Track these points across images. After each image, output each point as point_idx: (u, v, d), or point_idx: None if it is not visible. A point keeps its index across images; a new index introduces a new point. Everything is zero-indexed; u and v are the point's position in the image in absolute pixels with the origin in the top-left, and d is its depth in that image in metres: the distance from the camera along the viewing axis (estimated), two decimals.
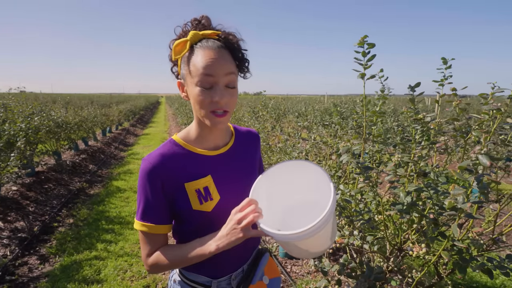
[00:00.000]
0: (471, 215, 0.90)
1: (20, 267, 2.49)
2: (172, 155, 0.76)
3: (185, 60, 0.71)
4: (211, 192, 0.77)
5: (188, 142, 0.80)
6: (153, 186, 0.73)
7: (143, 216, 0.74)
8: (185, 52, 0.70)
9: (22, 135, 3.67)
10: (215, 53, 0.68)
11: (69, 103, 12.26)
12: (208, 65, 0.67)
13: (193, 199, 0.75)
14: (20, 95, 6.30)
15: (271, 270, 0.92)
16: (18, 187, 3.78)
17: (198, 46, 0.70)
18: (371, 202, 1.45)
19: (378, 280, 0.99)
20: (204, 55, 0.68)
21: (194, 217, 0.76)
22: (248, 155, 0.88)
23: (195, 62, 0.69)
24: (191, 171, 0.76)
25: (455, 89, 1.29)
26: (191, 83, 0.70)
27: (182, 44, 0.70)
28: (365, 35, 1.23)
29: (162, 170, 0.73)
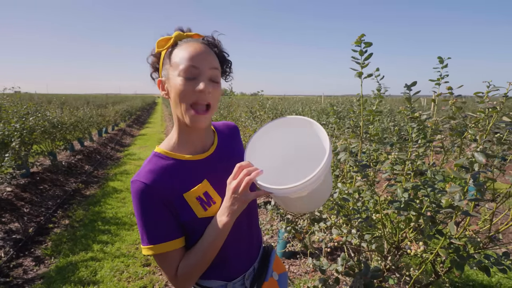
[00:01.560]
0: (467, 213, 0.90)
1: (15, 269, 2.46)
2: (161, 168, 0.72)
3: (168, 55, 0.72)
4: (212, 196, 0.74)
5: (173, 150, 0.76)
6: (151, 204, 0.69)
7: (150, 238, 0.69)
8: (168, 46, 0.71)
9: (16, 135, 3.63)
10: (200, 47, 0.70)
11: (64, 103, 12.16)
12: (193, 56, 0.68)
13: (197, 208, 0.72)
14: (15, 95, 6.23)
15: (278, 266, 0.92)
16: (12, 188, 3.74)
17: (182, 42, 0.71)
18: (368, 200, 1.45)
19: (375, 278, 0.99)
20: (189, 47, 0.69)
21: (200, 225, 0.73)
22: (234, 149, 0.88)
23: (179, 54, 0.69)
24: (186, 180, 0.73)
25: (451, 88, 1.30)
26: (173, 76, 0.69)
27: (166, 39, 0.72)
28: (362, 34, 1.23)
29: (157, 186, 0.69)
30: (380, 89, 1.50)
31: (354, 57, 1.27)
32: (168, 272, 0.71)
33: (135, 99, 29.67)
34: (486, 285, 2.31)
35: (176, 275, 0.71)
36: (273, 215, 1.79)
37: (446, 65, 1.48)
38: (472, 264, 1.06)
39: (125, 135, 10.43)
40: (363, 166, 1.17)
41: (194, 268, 0.71)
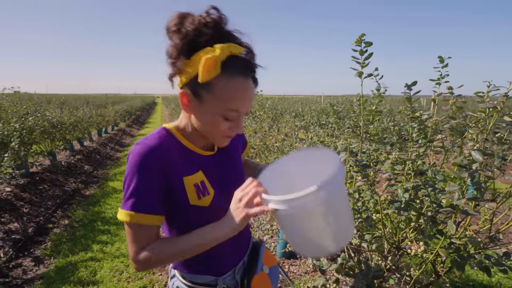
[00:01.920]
0: (466, 212, 0.90)
1: (14, 269, 2.45)
2: (169, 144, 0.69)
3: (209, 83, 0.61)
4: (207, 187, 0.74)
5: (184, 135, 0.74)
6: (151, 169, 0.64)
7: (134, 204, 0.64)
8: (216, 74, 0.59)
9: (16, 135, 3.63)
10: (245, 86, 0.62)
11: (64, 103, 12.15)
12: (237, 102, 0.62)
13: (191, 194, 0.70)
14: (14, 95, 6.23)
15: (269, 259, 0.93)
16: (12, 188, 3.73)
17: (228, 70, 0.60)
18: (368, 200, 1.45)
19: (377, 278, 0.99)
20: (235, 89, 0.61)
21: (189, 212, 0.72)
22: (236, 153, 0.89)
23: (223, 93, 0.61)
24: (187, 165, 0.72)
25: (452, 88, 1.29)
26: (209, 106, 0.63)
27: (212, 63, 0.58)
28: (363, 33, 1.23)
29: (163, 154, 0.66)
30: (379, 89, 1.49)
31: (354, 56, 1.27)
32: (134, 246, 0.66)
33: (134, 99, 29.68)
34: (486, 285, 2.30)
35: (139, 252, 0.66)
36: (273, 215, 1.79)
37: (447, 64, 1.48)
38: (472, 264, 1.06)
39: (124, 135, 10.42)
40: (363, 166, 1.17)
41: (163, 257, 0.66)
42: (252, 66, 0.64)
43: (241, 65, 0.61)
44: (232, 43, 0.61)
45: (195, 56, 0.60)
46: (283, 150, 2.55)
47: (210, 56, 0.58)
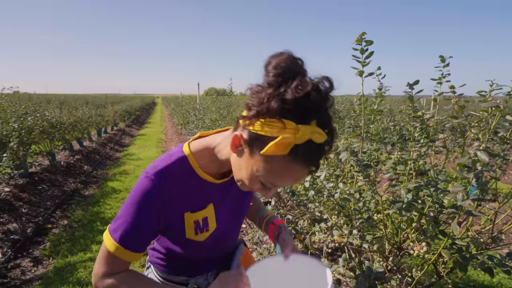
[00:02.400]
0: (471, 213, 0.89)
1: (13, 270, 2.44)
2: (179, 176, 0.66)
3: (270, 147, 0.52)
4: (209, 223, 0.71)
5: (201, 163, 0.68)
6: (149, 212, 0.63)
7: (123, 239, 0.63)
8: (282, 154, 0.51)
9: (15, 135, 3.61)
10: (300, 175, 0.55)
11: (63, 103, 12.14)
12: (282, 181, 0.56)
13: (189, 229, 0.69)
14: (13, 95, 6.21)
15: (247, 261, 0.92)
16: (10, 188, 3.72)
17: (293, 155, 0.51)
18: (369, 201, 1.44)
19: (378, 279, 0.98)
20: (289, 173, 0.54)
21: (183, 243, 0.72)
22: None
23: (274, 168, 0.54)
24: (195, 200, 0.69)
25: (453, 87, 1.28)
26: (252, 167, 0.56)
27: (285, 144, 0.50)
28: (363, 32, 1.22)
29: (165, 195, 0.64)
30: (381, 88, 1.48)
31: (355, 55, 1.26)
32: (104, 269, 0.65)
33: (134, 99, 29.65)
34: (487, 285, 2.29)
35: (102, 277, 0.65)
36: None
37: (448, 64, 1.47)
38: (475, 265, 1.04)
39: (124, 135, 10.40)
40: (365, 166, 1.16)
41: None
42: (322, 157, 0.55)
43: (312, 156, 0.53)
44: (319, 127, 0.51)
45: (277, 124, 0.50)
46: None
47: (288, 136, 0.49)
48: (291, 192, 1.59)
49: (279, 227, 0.86)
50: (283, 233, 0.84)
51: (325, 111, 0.52)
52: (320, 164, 0.56)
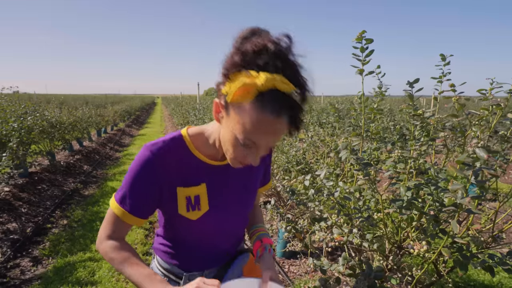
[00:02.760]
0: (470, 211, 0.88)
1: (12, 269, 2.43)
2: (175, 152, 0.71)
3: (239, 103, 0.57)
4: (201, 203, 0.74)
5: (197, 145, 0.74)
6: (146, 178, 0.69)
7: (122, 200, 0.70)
8: (247, 100, 0.55)
9: (15, 135, 3.61)
10: (271, 125, 0.56)
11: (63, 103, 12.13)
12: (257, 136, 0.58)
13: (181, 205, 0.73)
14: (13, 95, 6.20)
15: (252, 271, 0.91)
16: (10, 188, 3.71)
17: (262, 103, 0.54)
18: (369, 200, 1.44)
19: (378, 278, 0.98)
20: (259, 123, 0.56)
21: (177, 220, 0.75)
22: (254, 173, 0.84)
23: (246, 121, 0.56)
24: (188, 176, 0.73)
25: (454, 85, 1.28)
26: (233, 129, 0.60)
27: (247, 89, 0.54)
28: (363, 30, 1.21)
29: (162, 164, 0.69)
30: (381, 87, 1.48)
31: (355, 54, 1.25)
32: (105, 231, 0.72)
33: (134, 99, 29.65)
34: (487, 285, 2.29)
35: (104, 240, 0.72)
36: (273, 214, 1.78)
37: (449, 62, 1.47)
38: (476, 263, 1.04)
39: (124, 135, 10.40)
40: (365, 164, 1.15)
41: (112, 262, 0.71)
42: (293, 109, 0.56)
43: (278, 104, 0.55)
44: (284, 77, 0.54)
45: (240, 75, 0.55)
46: (282, 149, 2.53)
47: (249, 82, 0.54)
48: (291, 191, 1.59)
49: (263, 247, 0.84)
50: (265, 254, 0.83)
51: (291, 66, 0.55)
52: (298, 123, 0.59)
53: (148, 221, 3.34)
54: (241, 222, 0.86)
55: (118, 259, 0.70)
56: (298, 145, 2.54)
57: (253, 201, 0.86)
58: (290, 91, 0.54)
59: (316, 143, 2.50)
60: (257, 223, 0.95)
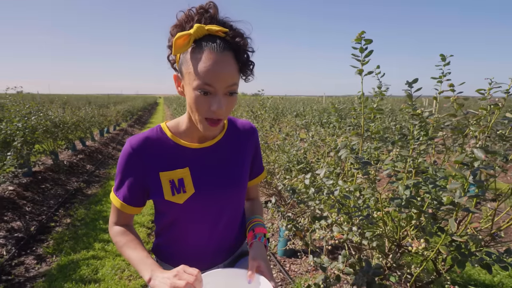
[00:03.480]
0: (468, 209, 0.90)
1: (17, 267, 2.47)
2: (154, 142, 0.76)
3: (186, 56, 0.66)
4: (185, 185, 0.76)
5: (175, 132, 0.78)
6: (129, 168, 0.75)
7: (116, 190, 0.78)
8: (187, 49, 0.64)
9: (19, 134, 3.65)
10: (218, 57, 0.63)
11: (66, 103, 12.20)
12: (209, 73, 0.62)
13: (166, 189, 0.75)
14: (17, 95, 6.26)
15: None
16: (14, 187, 3.76)
17: (201, 45, 0.64)
18: (369, 198, 1.45)
19: (377, 275, 0.99)
20: (206, 59, 0.63)
21: (166, 206, 0.78)
22: (237, 149, 0.85)
23: (196, 64, 0.63)
24: (169, 161, 0.76)
25: (453, 85, 1.29)
26: (189, 84, 0.66)
27: (184, 38, 0.63)
28: (362, 31, 1.23)
29: (141, 154, 0.74)
30: (381, 87, 1.49)
31: (354, 54, 1.27)
32: (112, 218, 0.81)
33: (136, 99, 29.74)
34: (488, 284, 2.29)
35: (112, 226, 0.81)
36: (274, 213, 1.79)
37: (449, 62, 1.48)
38: (473, 261, 1.05)
39: (126, 135, 10.45)
40: (364, 163, 1.17)
41: (117, 244, 0.79)
42: (232, 44, 0.65)
43: (214, 43, 0.64)
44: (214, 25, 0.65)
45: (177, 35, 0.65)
46: (283, 148, 2.55)
47: (184, 33, 0.64)
48: (291, 190, 1.61)
49: (254, 236, 0.84)
50: (255, 243, 0.82)
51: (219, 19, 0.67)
52: (244, 60, 0.67)
53: (150, 219, 3.37)
54: (232, 209, 0.84)
55: (120, 242, 0.77)
56: (299, 144, 2.56)
57: (243, 187, 0.85)
58: (221, 33, 0.65)
59: (317, 142, 2.51)
60: (254, 213, 0.94)
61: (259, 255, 0.78)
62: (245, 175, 0.86)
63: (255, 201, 0.99)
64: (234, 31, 0.67)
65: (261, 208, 0.99)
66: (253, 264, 0.74)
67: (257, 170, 0.94)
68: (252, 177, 0.93)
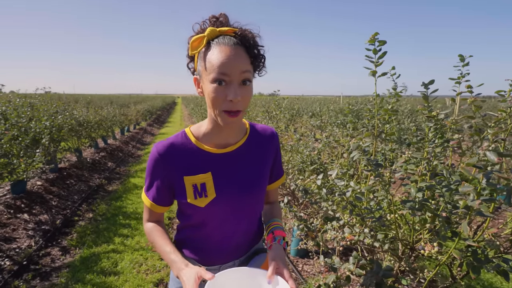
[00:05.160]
0: (481, 213, 0.88)
1: (44, 258, 2.63)
2: (179, 147, 0.81)
3: (201, 56, 0.72)
4: (207, 189, 0.79)
5: (198, 137, 0.82)
6: (156, 172, 0.81)
7: (146, 191, 0.85)
8: (201, 48, 0.71)
9: (46, 132, 3.86)
10: (230, 50, 0.69)
11: (90, 103, 12.73)
12: (223, 63, 0.68)
13: (189, 193, 0.80)
14: (46, 95, 6.61)
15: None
16: (42, 182, 3.98)
17: (214, 43, 0.70)
18: (382, 200, 1.44)
19: (387, 277, 0.99)
20: (219, 52, 0.69)
21: (189, 208, 0.82)
22: (258, 155, 0.87)
23: (210, 58, 0.69)
24: (192, 166, 0.80)
25: (471, 86, 1.26)
26: (206, 79, 0.71)
27: (199, 40, 0.71)
28: (376, 32, 1.22)
29: (167, 160, 0.79)
30: (395, 88, 1.48)
31: (367, 55, 1.26)
32: (144, 217, 0.90)
33: (155, 99, 30.51)
34: None
35: (145, 222, 0.89)
36: (286, 213, 1.81)
37: (468, 63, 1.44)
38: (489, 268, 1.03)
39: (145, 133, 10.76)
40: (376, 165, 1.16)
41: (149, 238, 0.87)
42: (242, 40, 0.71)
43: (227, 38, 0.71)
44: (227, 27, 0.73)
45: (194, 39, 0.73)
46: (297, 149, 2.56)
47: (198, 35, 0.72)
48: (304, 191, 1.62)
49: (273, 238, 0.86)
50: (274, 245, 0.85)
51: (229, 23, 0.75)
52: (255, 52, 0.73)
53: (166, 216, 3.47)
54: (251, 212, 0.87)
55: (150, 237, 0.86)
56: (314, 145, 2.56)
57: (262, 191, 0.88)
58: (232, 32, 0.72)
59: (332, 143, 2.50)
60: (274, 217, 0.96)
61: (278, 256, 0.81)
62: (265, 180, 0.89)
63: (275, 204, 1.02)
64: (243, 29, 0.73)
65: (280, 211, 1.02)
66: (273, 265, 0.77)
67: (277, 174, 0.96)
68: (271, 181, 0.95)
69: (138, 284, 2.30)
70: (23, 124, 3.68)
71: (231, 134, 0.82)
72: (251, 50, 0.72)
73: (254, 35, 0.73)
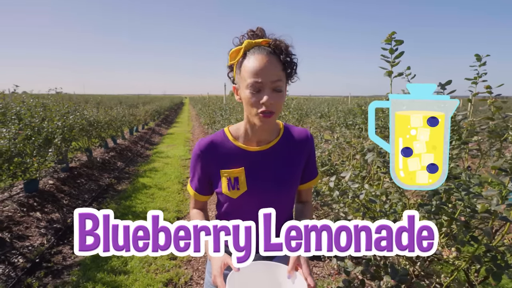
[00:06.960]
0: (506, 218, 0.85)
1: (55, 255, 2.66)
2: (218, 144, 0.91)
3: (239, 65, 0.82)
4: (239, 183, 0.89)
5: (235, 135, 0.92)
6: (197, 165, 0.93)
7: (190, 181, 0.98)
8: (239, 58, 0.81)
9: (58, 132, 3.93)
10: (264, 58, 0.78)
11: (100, 103, 12.92)
12: (258, 72, 0.77)
13: (224, 185, 0.90)
14: (57, 95, 6.73)
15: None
16: (54, 181, 4.05)
17: (250, 53, 0.80)
18: (396, 203, 1.41)
19: (403, 282, 0.96)
20: (254, 60, 0.78)
21: (223, 198, 0.93)
22: (290, 155, 0.93)
23: (246, 66, 0.79)
24: (228, 161, 0.90)
25: (490, 87, 1.22)
26: (243, 86, 0.80)
27: (236, 51, 0.82)
28: (393, 31, 1.20)
29: (206, 155, 0.90)
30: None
31: (383, 55, 1.24)
32: (190, 205, 1.01)
33: (163, 99, 30.79)
34: None
35: (191, 209, 1.01)
36: None
37: (484, 63, 1.40)
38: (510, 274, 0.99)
39: (154, 134, 10.86)
40: None
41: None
42: (275, 49, 0.80)
43: (261, 48, 0.80)
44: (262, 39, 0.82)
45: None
46: None
47: (238, 47, 0.82)
48: (315, 192, 1.60)
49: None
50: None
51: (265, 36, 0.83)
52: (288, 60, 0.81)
53: (177, 209, 3.48)
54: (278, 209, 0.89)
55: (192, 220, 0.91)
56: (324, 146, 2.53)
57: (290, 190, 0.93)
58: (266, 43, 0.81)
59: (342, 144, 2.47)
60: (303, 217, 0.99)
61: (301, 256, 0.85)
62: (296, 179, 0.94)
63: (307, 204, 1.05)
64: (276, 39, 0.82)
65: (311, 211, 1.05)
66: (294, 261, 0.80)
67: (310, 175, 1.00)
68: (304, 181, 1.00)
69: (148, 283, 2.31)
70: (36, 124, 3.75)
71: (264, 134, 0.90)
72: (284, 58, 0.80)
73: (287, 45, 0.82)
